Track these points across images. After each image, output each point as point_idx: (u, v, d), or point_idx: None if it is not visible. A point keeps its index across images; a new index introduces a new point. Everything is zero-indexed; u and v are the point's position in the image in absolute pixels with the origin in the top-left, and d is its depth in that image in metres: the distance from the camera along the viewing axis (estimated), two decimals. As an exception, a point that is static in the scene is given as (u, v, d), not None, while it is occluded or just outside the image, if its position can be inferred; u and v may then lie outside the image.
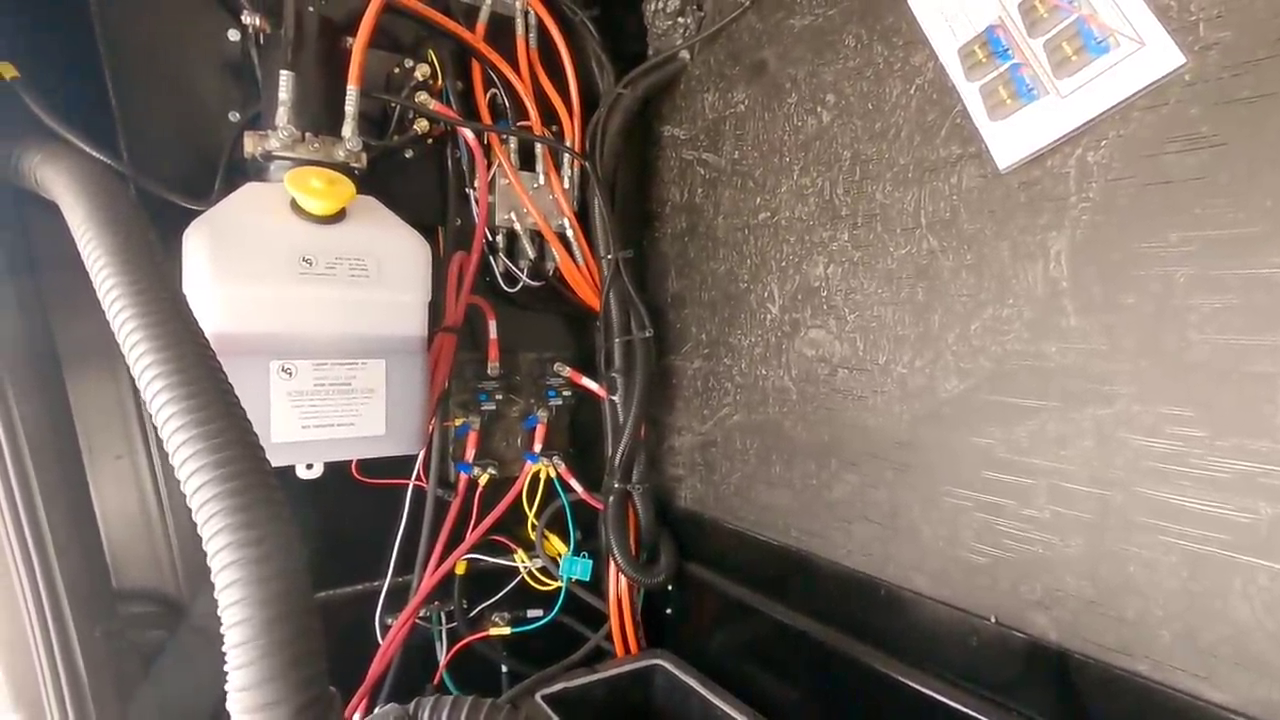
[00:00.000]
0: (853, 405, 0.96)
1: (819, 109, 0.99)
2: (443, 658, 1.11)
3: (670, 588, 1.23)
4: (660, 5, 1.20)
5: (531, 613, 1.18)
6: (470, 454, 1.12)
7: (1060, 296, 0.73)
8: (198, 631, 0.92)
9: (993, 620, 0.79)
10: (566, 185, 1.16)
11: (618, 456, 1.17)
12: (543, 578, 1.18)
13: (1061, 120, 0.71)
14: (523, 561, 1.17)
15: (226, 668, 0.45)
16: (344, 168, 0.87)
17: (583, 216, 1.18)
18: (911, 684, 0.86)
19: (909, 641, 0.89)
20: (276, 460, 0.80)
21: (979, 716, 0.79)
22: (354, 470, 1.01)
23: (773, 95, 1.06)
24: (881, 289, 0.91)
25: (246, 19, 0.87)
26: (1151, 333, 0.67)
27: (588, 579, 1.17)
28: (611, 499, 1.18)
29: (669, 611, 1.26)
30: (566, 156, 1.16)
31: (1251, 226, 0.61)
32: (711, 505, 1.21)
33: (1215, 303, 0.63)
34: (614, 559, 1.17)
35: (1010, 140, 0.75)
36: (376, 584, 1.07)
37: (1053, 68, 0.72)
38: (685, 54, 1.20)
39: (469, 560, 1.13)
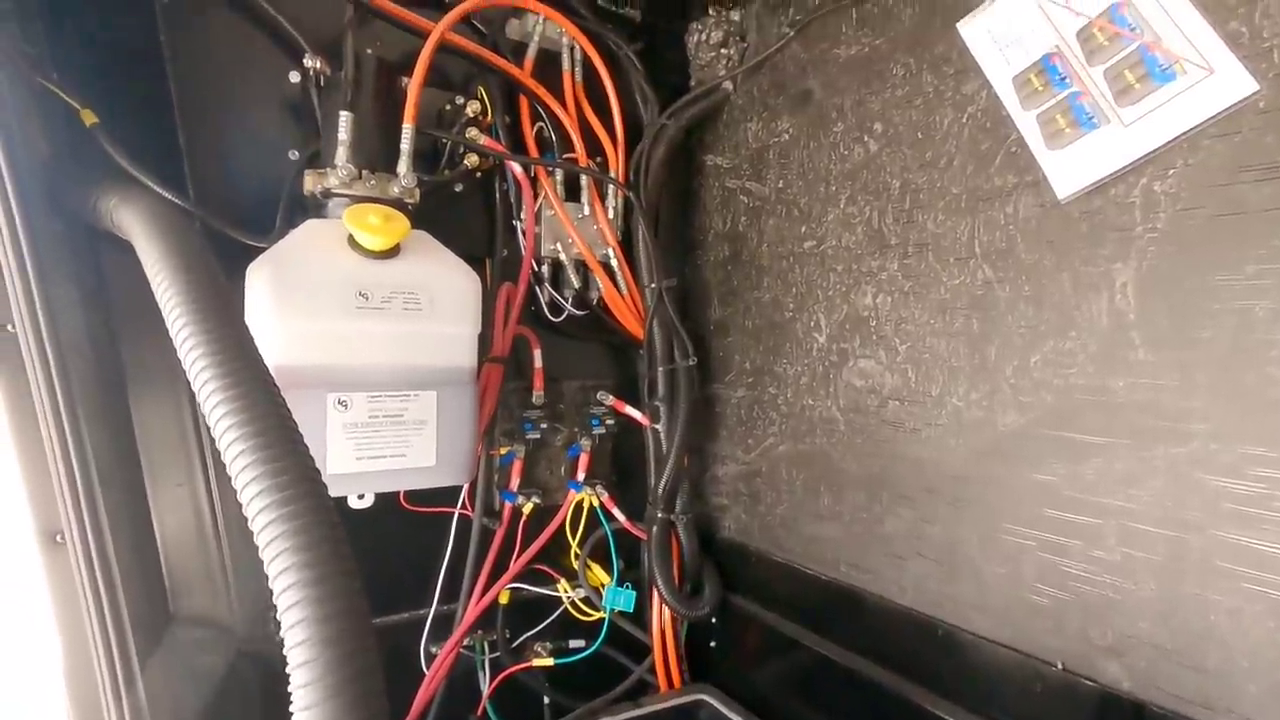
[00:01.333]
0: (905, 437, 0.93)
1: (866, 138, 0.98)
2: (486, 688, 1.11)
3: (714, 620, 1.21)
4: (703, 37, 1.22)
5: (574, 643, 1.17)
6: (515, 483, 1.12)
7: (1127, 329, 0.71)
8: (253, 659, 0.93)
9: (1059, 666, 0.76)
10: (611, 215, 1.17)
11: (661, 485, 1.16)
12: (585, 608, 1.17)
13: (1125, 149, 0.69)
14: (565, 591, 1.16)
15: (292, 707, 0.46)
16: (398, 203, 0.89)
17: (627, 245, 1.19)
18: (972, 730, 0.83)
19: (967, 684, 0.85)
20: (333, 491, 0.82)
21: (1046, 768, 0.75)
22: (402, 499, 1.02)
23: (818, 124, 1.06)
24: (934, 319, 0.90)
25: (308, 62, 0.90)
26: (1228, 368, 0.64)
27: (630, 610, 1.16)
28: (655, 528, 1.17)
29: (713, 644, 1.24)
30: (611, 187, 1.17)
31: (1337, 259, 0.58)
32: (756, 536, 1.19)
33: (1299, 338, 0.60)
34: (657, 590, 1.15)
35: (1070, 169, 0.74)
36: (422, 612, 1.07)
37: (1114, 96, 0.70)
38: (728, 84, 1.21)
39: (512, 590, 1.12)
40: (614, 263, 1.17)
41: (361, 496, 0.89)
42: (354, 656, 0.47)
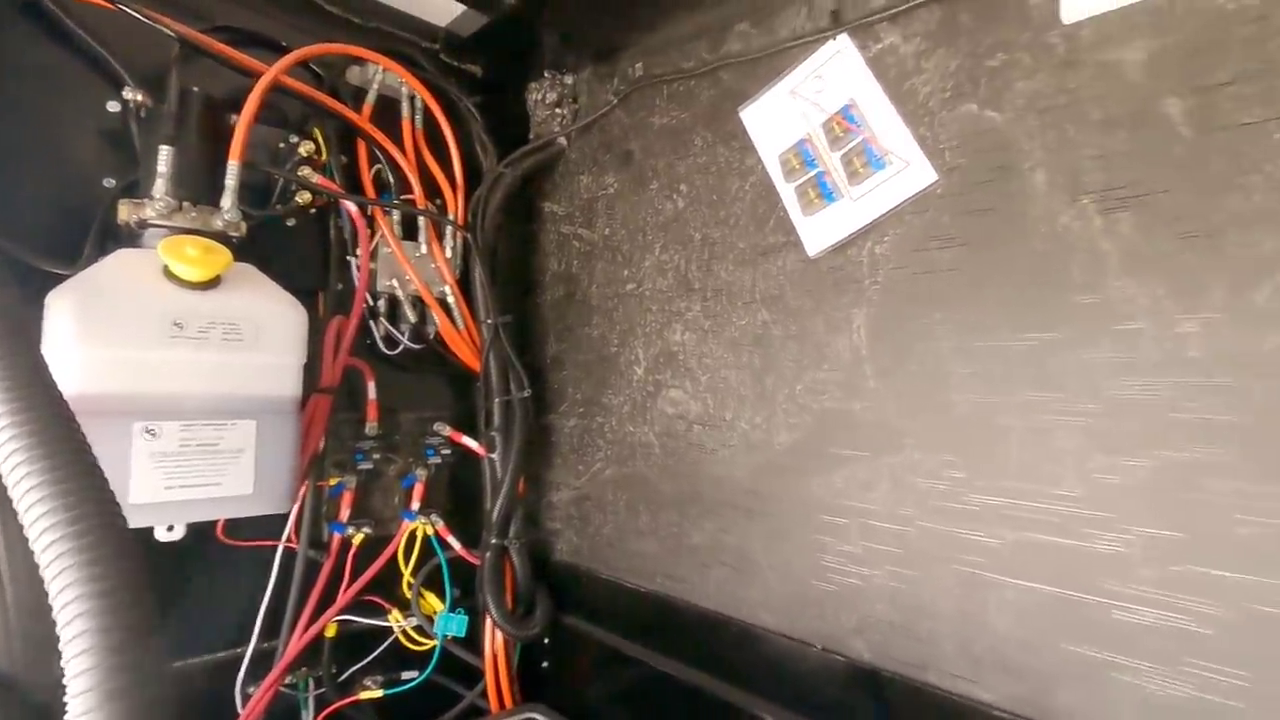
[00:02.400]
0: (707, 458, 1.06)
1: (675, 196, 1.13)
2: (309, 726, 1.09)
3: (546, 640, 1.27)
4: (540, 96, 1.33)
5: (406, 674, 1.18)
6: (345, 513, 1.13)
7: (862, 362, 0.88)
8: (37, 710, 0.87)
9: (819, 647, 0.90)
10: (449, 254, 1.24)
11: (495, 512, 1.21)
12: (418, 636, 1.19)
13: (854, 219, 0.87)
14: (397, 621, 1.17)
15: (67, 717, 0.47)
16: (221, 236, 0.90)
17: (464, 283, 1.26)
18: (763, 714, 0.94)
19: (757, 673, 0.97)
20: (137, 521, 0.80)
21: (813, 738, 0.88)
22: (220, 532, 1.00)
23: (638, 181, 1.20)
24: (727, 354, 1.04)
25: (128, 94, 0.91)
26: (927, 393, 0.82)
27: (463, 634, 1.19)
28: (489, 554, 1.21)
29: (545, 665, 1.29)
30: (449, 228, 1.24)
31: (986, 309, 0.77)
32: (586, 556, 1.27)
33: (967, 370, 0.78)
34: (490, 614, 1.20)
35: (818, 233, 0.90)
36: (239, 651, 1.05)
37: (847, 177, 0.88)
38: (563, 140, 1.33)
39: (340, 622, 1.12)
40: (451, 299, 1.23)
41: (171, 528, 0.88)
42: (139, 664, 0.49)
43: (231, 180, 0.92)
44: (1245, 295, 0.61)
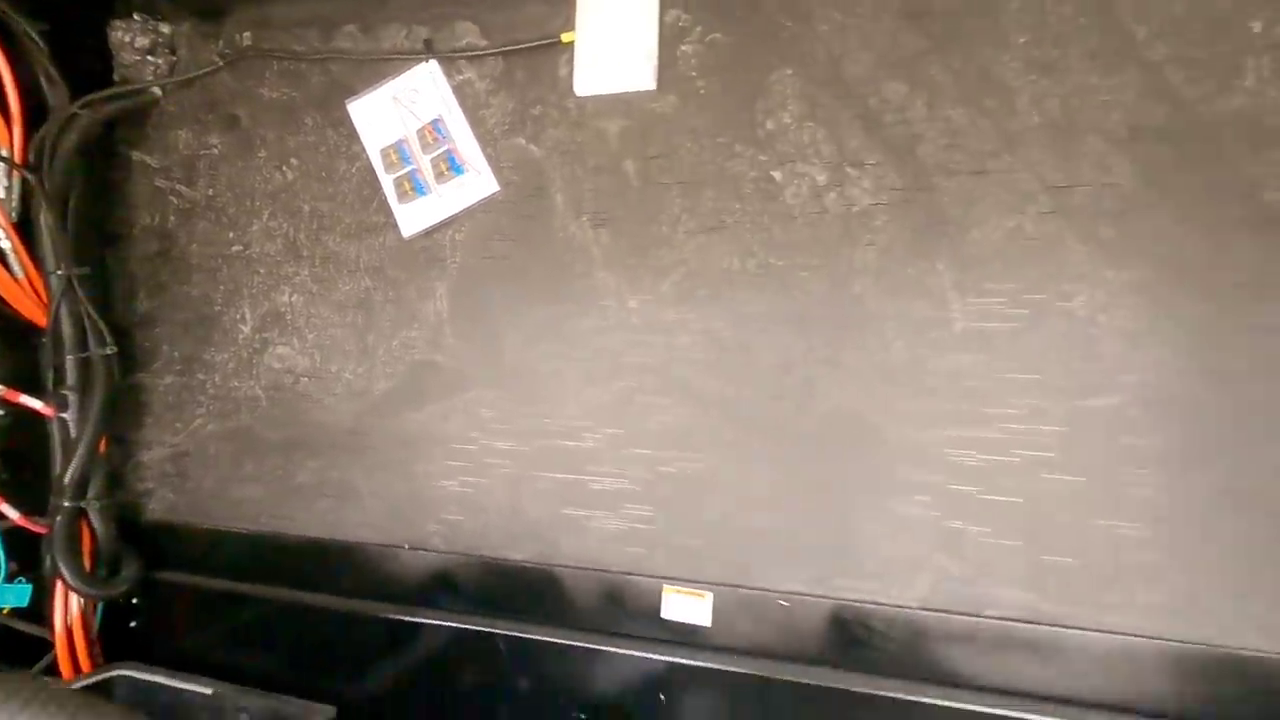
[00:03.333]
0: (314, 406, 1.20)
1: (285, 168, 1.22)
2: None
3: (135, 600, 1.25)
4: (128, 38, 1.26)
5: (-58, 661, 1.06)
6: None
7: (444, 324, 1.13)
8: None
9: (406, 547, 1.13)
10: (2, 195, 1.11)
11: (68, 475, 1.15)
12: (-40, 617, 1.07)
13: (439, 211, 1.11)
14: (-72, 603, 1.04)
15: None
16: None
17: (25, 229, 1.14)
18: (363, 610, 1.14)
19: (362, 580, 1.16)
20: None
21: (406, 619, 1.11)
22: None
23: (246, 147, 1.25)
24: (334, 315, 1.19)
25: None
26: (488, 347, 1.10)
27: (25, 605, 1.11)
28: (60, 519, 1.15)
29: (134, 625, 1.27)
30: (2, 167, 1.11)
31: (527, 287, 1.09)
32: (185, 511, 1.28)
33: (515, 330, 1.09)
34: (64, 579, 1.14)
35: (411, 218, 1.12)
36: None
37: (434, 177, 1.12)
38: (157, 90, 1.28)
39: None
40: (7, 245, 1.12)
41: None
42: None
43: None
44: (658, 287, 1.03)
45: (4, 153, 1.11)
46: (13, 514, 1.13)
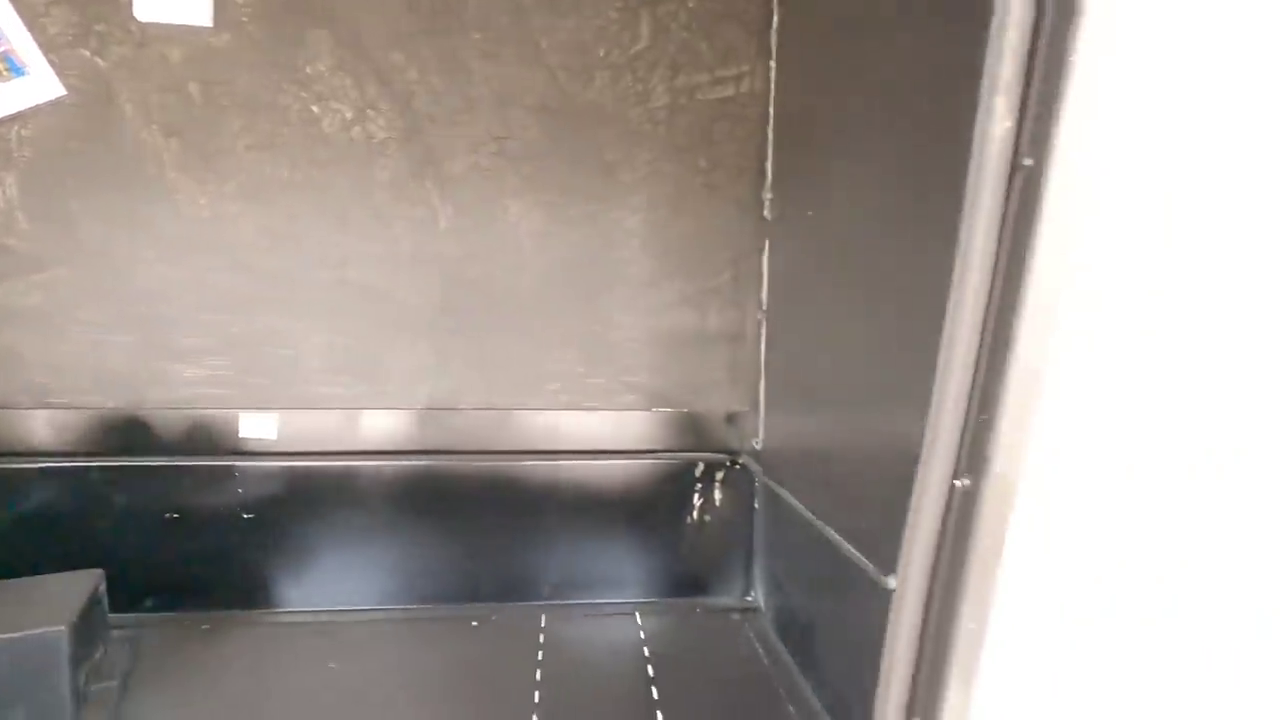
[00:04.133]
0: None
1: None
2: None
3: None
4: None
5: None
6: None
7: (15, 210, 1.28)
8: None
9: (-10, 405, 1.30)
10: None
11: None
12: None
13: (3, 106, 1.24)
14: None
15: None
16: None
17: None
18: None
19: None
20: None
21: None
22: None
23: None
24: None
25: None
26: (68, 234, 1.29)
27: None
28: None
29: None
30: None
31: (96, 178, 1.29)
32: None
33: (99, 219, 1.30)
34: None
35: (-31, 111, 1.24)
36: None
37: (-6, 75, 1.24)
38: None
39: None
40: None
41: None
42: None
43: None
44: (223, 188, 1.32)
45: None
46: None
